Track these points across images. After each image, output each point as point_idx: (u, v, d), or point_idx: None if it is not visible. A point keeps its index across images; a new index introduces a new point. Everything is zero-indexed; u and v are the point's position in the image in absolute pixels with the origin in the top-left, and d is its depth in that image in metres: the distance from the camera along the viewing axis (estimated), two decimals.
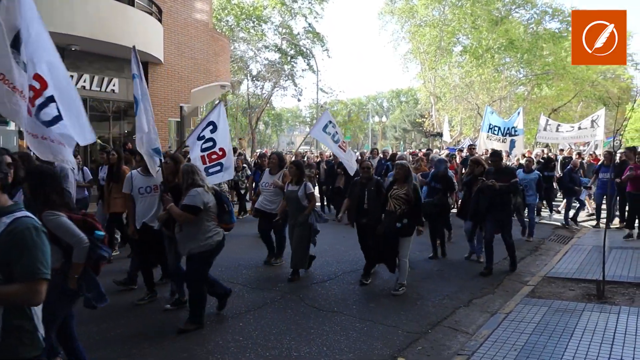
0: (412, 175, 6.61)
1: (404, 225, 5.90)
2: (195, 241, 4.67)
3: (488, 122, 17.83)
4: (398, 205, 5.93)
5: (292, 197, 6.57)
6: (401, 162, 6.42)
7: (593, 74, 32.67)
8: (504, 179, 6.78)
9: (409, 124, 61.21)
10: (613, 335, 4.50)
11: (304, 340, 4.58)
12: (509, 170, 7.09)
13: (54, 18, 10.75)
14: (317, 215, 6.71)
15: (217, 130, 6.87)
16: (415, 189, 6.01)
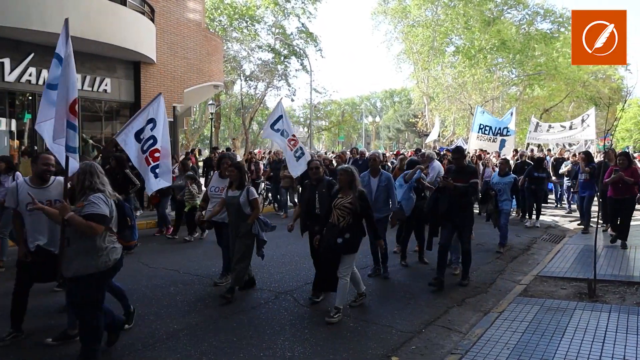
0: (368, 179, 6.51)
1: (345, 241, 5.10)
2: (87, 259, 3.79)
3: (479, 122, 17.95)
4: (342, 217, 5.16)
5: (232, 204, 5.77)
6: (344, 166, 5.56)
7: (584, 75, 32.97)
8: (463, 178, 6.22)
9: (403, 124, 61.40)
10: (604, 334, 4.53)
11: (297, 340, 4.58)
12: (469, 169, 6.47)
13: (45, 17, 10.67)
14: (262, 223, 5.85)
15: (156, 127, 6.26)
16: (362, 198, 5.23)
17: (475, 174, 6.45)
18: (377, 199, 6.57)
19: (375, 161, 6.77)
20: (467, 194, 6.24)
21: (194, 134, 36.00)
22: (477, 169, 11.80)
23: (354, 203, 5.15)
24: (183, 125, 20.23)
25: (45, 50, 11.94)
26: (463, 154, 6.67)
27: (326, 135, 56.82)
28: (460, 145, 7.05)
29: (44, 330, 4.67)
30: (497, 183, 8.74)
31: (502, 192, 8.58)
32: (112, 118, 14.78)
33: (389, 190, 6.62)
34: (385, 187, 6.61)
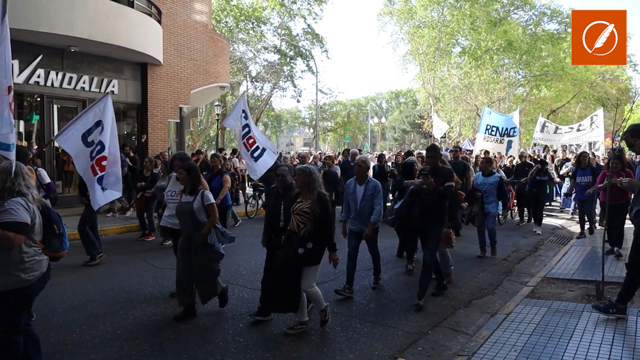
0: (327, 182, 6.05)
1: (307, 251, 4.52)
2: (5, 274, 3.28)
3: (485, 122, 17.65)
4: (302, 223, 4.60)
5: (184, 211, 5.12)
6: (301, 166, 4.96)
7: (592, 75, 32.79)
8: (438, 180, 5.55)
9: (408, 125, 61.24)
10: (612, 336, 4.50)
11: (304, 341, 4.59)
12: (444, 171, 5.75)
13: (53, 19, 10.77)
14: (220, 233, 5.17)
15: (104, 131, 5.71)
16: (321, 201, 4.58)
17: (452, 176, 5.72)
18: (363, 209, 5.96)
19: (361, 167, 6.08)
20: (443, 198, 5.57)
21: (200, 135, 36.10)
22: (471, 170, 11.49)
23: (313, 208, 4.55)
24: (189, 126, 20.31)
25: (53, 52, 12.06)
26: (438, 152, 5.95)
27: (332, 136, 56.85)
28: (435, 144, 6.40)
29: None
30: (482, 184, 8.18)
31: (487, 194, 8.07)
32: (119, 119, 14.84)
33: (372, 199, 5.97)
34: (371, 196, 5.96)
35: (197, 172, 5.28)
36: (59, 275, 6.72)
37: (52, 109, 12.45)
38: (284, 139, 76.24)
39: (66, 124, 6.36)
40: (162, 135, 15.22)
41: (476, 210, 7.88)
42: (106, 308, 5.39)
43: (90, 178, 5.72)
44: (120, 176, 6.09)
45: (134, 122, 15.05)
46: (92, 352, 4.27)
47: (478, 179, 8.38)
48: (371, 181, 6.05)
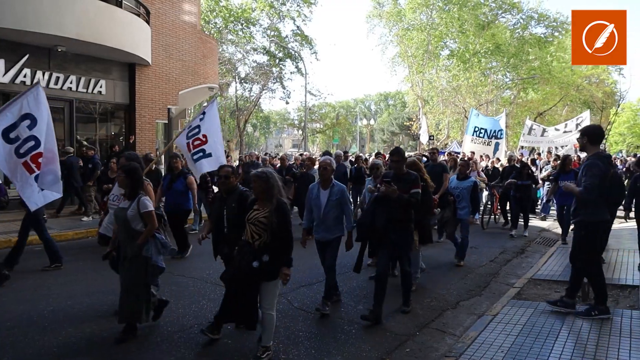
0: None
1: (263, 265, 4.04)
2: None
3: (473, 124, 17.60)
4: (257, 234, 4.12)
5: (119, 218, 4.60)
6: (258, 171, 4.26)
7: (578, 79, 33.26)
8: (403, 187, 5.08)
9: (397, 127, 61.51)
10: (597, 337, 4.56)
11: (292, 343, 4.58)
12: (410, 177, 5.21)
13: (41, 18, 10.65)
14: (160, 244, 4.62)
15: (37, 126, 5.34)
16: (280, 210, 4.09)
17: (417, 183, 5.19)
18: (326, 216, 5.38)
19: (326, 170, 5.42)
20: (409, 206, 5.14)
21: None
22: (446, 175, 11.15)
23: (271, 218, 4.07)
24: (178, 127, 20.16)
25: (40, 51, 11.92)
26: (402, 156, 5.35)
27: (321, 138, 56.90)
28: (400, 147, 5.88)
29: None
30: (455, 188, 7.70)
31: (460, 199, 7.55)
32: (107, 120, 14.74)
33: (342, 206, 5.42)
34: (337, 201, 5.38)
35: (138, 175, 4.65)
36: (45, 278, 6.65)
37: None
38: (273, 140, 76.18)
39: (53, 123, 6.07)
40: (150, 137, 15.12)
41: (448, 216, 7.44)
42: (92, 311, 5.34)
43: (25, 176, 5.24)
44: (59, 175, 5.62)
45: (121, 123, 14.93)
46: (78, 355, 4.24)
47: (452, 183, 7.92)
48: (336, 185, 5.44)
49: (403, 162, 5.33)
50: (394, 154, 5.41)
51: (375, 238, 5.24)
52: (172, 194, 8.07)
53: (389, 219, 5.07)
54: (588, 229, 4.98)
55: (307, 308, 5.55)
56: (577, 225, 5.09)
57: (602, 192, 4.82)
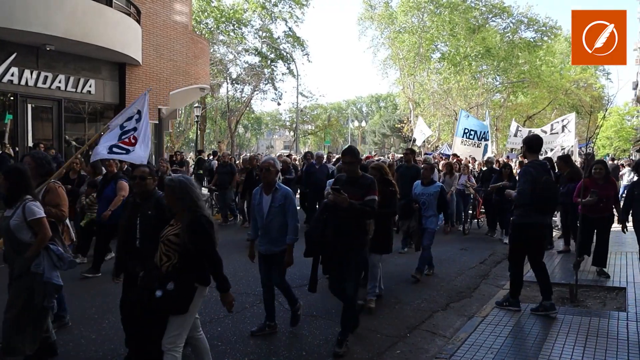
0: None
1: (167, 294, 3.28)
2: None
3: (463, 126, 17.28)
4: (166, 256, 3.40)
5: (2, 229, 3.83)
6: (171, 178, 3.57)
7: (566, 83, 33.66)
8: (357, 193, 4.33)
9: (388, 129, 61.71)
10: (585, 338, 4.60)
11: (282, 344, 4.57)
12: (365, 181, 4.45)
13: (30, 17, 10.53)
14: (56, 257, 3.84)
15: (141, 119, 5.66)
16: (193, 227, 3.33)
17: (374, 188, 4.42)
18: (270, 225, 4.63)
19: (268, 172, 4.62)
20: (363, 216, 4.41)
21: (179, 136, 35.78)
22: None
23: (183, 237, 3.34)
24: (168, 127, 20.09)
25: (28, 50, 11.79)
26: (358, 158, 4.60)
27: (312, 139, 56.89)
28: (354, 146, 5.05)
29: None
30: (421, 194, 6.93)
31: (426, 206, 6.84)
32: (96, 119, 14.61)
33: (287, 213, 4.63)
34: (280, 208, 4.60)
35: (19, 178, 3.82)
36: None
37: (26, 109, 12.16)
38: (264, 141, 76.05)
39: (41, 124, 6.36)
40: None
41: (414, 226, 6.74)
42: (81, 312, 5.28)
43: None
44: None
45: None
46: (66, 357, 4.19)
47: (416, 189, 7.09)
48: (280, 189, 4.67)
49: (357, 164, 4.55)
50: (346, 154, 4.59)
51: (327, 253, 4.46)
52: (102, 201, 7.06)
53: (338, 231, 4.33)
54: (519, 230, 5.38)
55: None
56: (511, 226, 5.58)
57: (534, 196, 5.15)
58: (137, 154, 6.13)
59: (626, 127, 42.78)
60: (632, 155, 32.17)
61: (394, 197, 5.48)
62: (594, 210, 6.77)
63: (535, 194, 5.13)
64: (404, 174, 8.66)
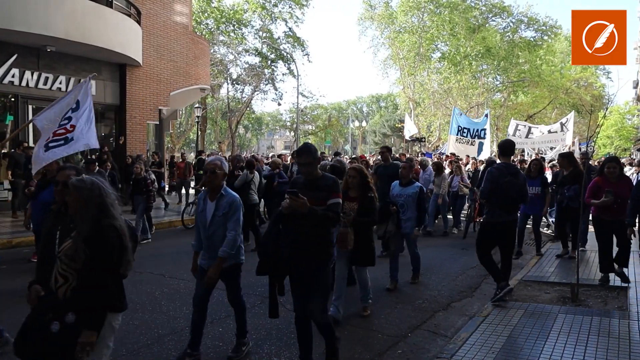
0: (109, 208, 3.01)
1: (66, 328, 2.61)
2: None
3: (457, 124, 17.05)
4: (63, 277, 2.76)
5: None
6: (83, 177, 2.86)
7: (567, 82, 33.64)
8: (317, 198, 3.65)
9: (389, 129, 61.70)
10: (587, 338, 4.60)
11: (284, 345, 4.57)
12: (327, 182, 3.76)
13: (30, 18, 10.56)
14: None
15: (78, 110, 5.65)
16: (97, 237, 2.69)
17: (336, 190, 3.76)
18: (213, 236, 4.05)
19: (214, 175, 4.02)
20: (326, 223, 3.70)
21: (179, 137, 35.78)
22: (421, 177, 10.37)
23: (78, 251, 2.68)
24: (169, 128, 20.10)
25: (29, 51, 11.81)
26: (315, 157, 3.83)
27: (313, 140, 56.85)
28: (310, 143, 4.42)
29: None
30: (399, 195, 6.42)
31: (405, 209, 6.32)
32: (97, 121, 14.50)
33: (228, 223, 4.01)
34: (224, 217, 4.01)
35: None
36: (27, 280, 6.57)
37: (26, 109, 12.18)
38: (265, 141, 76.09)
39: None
40: (140, 137, 15.03)
41: (392, 230, 6.06)
42: None
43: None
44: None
45: (112, 123, 14.83)
46: None
47: (394, 189, 6.59)
48: (227, 195, 4.05)
49: (314, 164, 3.80)
50: (301, 154, 3.82)
51: (282, 272, 3.74)
52: (38, 206, 6.25)
53: (295, 244, 3.65)
54: (489, 228, 5.81)
55: None
56: (480, 224, 6.09)
57: (498, 196, 5.54)
58: (79, 142, 5.83)
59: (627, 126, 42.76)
60: (633, 154, 32.13)
61: (373, 204, 5.09)
62: (608, 212, 6.27)
63: (497, 194, 5.53)
64: (382, 173, 8.40)
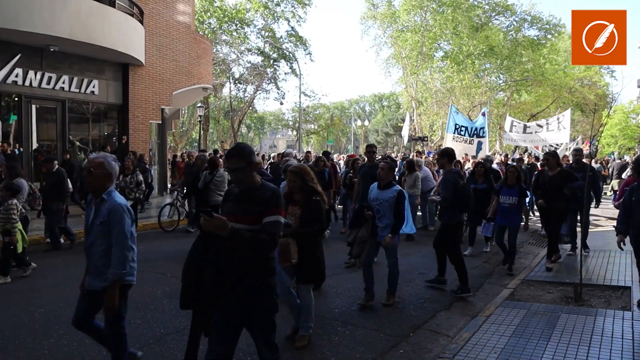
0: None
1: None
2: None
3: (454, 122, 16.73)
4: None
5: None
6: None
7: (570, 81, 33.51)
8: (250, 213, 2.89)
9: (391, 128, 61.68)
10: (590, 338, 4.58)
11: (286, 345, 4.56)
12: (264, 194, 2.93)
13: (34, 18, 10.59)
14: None
15: None
16: None
17: (276, 204, 2.92)
18: (91, 248, 3.49)
19: (91, 175, 3.44)
20: (257, 249, 2.84)
21: (182, 136, 35.82)
22: None
23: None
24: (171, 127, 20.13)
25: (32, 51, 11.85)
26: (249, 160, 2.95)
27: (315, 139, 56.94)
28: (245, 144, 3.16)
29: None
30: (375, 199, 5.72)
31: (381, 214, 5.61)
32: (100, 120, 14.67)
33: (111, 237, 3.39)
34: (104, 227, 3.38)
35: None
36: (35, 279, 6.60)
37: (30, 109, 12.22)
38: (267, 140, 76.16)
39: (45, 124, 6.16)
40: (143, 137, 15.06)
41: (363, 236, 5.43)
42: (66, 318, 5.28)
43: None
44: None
45: (114, 123, 14.86)
46: (69, 357, 4.21)
47: (371, 193, 5.89)
48: (108, 200, 3.42)
49: (247, 170, 2.95)
50: (230, 156, 2.98)
51: (206, 305, 3.00)
52: None
53: (224, 267, 2.86)
54: (449, 229, 6.30)
55: None
56: (443, 226, 6.41)
57: (457, 200, 6.14)
58: None
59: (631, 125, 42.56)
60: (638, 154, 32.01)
61: (319, 209, 4.36)
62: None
63: (456, 198, 6.09)
64: (365, 173, 7.90)
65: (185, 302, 3.08)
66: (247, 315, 2.93)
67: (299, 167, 4.55)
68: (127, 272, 3.36)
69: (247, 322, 2.97)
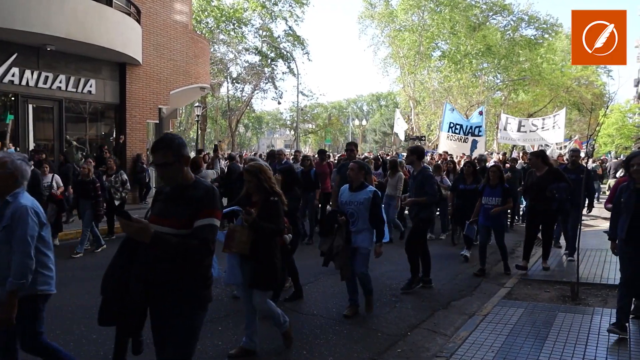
0: None
1: None
2: None
3: (448, 120, 16.65)
4: None
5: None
6: None
7: (567, 80, 33.58)
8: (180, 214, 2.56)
9: (389, 128, 61.64)
10: (587, 336, 4.60)
11: (284, 344, 4.56)
12: (196, 193, 2.58)
13: (30, 17, 10.55)
14: None
15: None
16: None
17: (210, 205, 2.57)
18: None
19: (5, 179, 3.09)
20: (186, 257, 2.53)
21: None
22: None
23: None
24: (169, 127, 20.09)
25: (29, 50, 11.81)
26: (179, 152, 2.60)
27: (313, 138, 56.92)
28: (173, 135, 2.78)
29: None
30: (347, 202, 5.25)
31: (355, 219, 5.17)
32: (97, 119, 14.63)
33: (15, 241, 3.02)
34: (5, 231, 3.03)
35: None
36: None
37: (27, 109, 12.18)
38: (265, 140, 76.07)
39: (42, 124, 6.09)
40: (140, 136, 15.02)
41: (339, 245, 5.06)
42: (82, 312, 5.29)
43: None
44: None
45: (111, 122, 14.83)
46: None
47: (342, 195, 5.41)
48: (13, 202, 3.05)
49: (176, 165, 2.59)
50: (156, 150, 2.61)
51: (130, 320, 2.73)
52: None
53: (149, 278, 2.56)
54: (427, 224, 6.60)
55: (299, 308, 5.55)
56: (420, 221, 6.41)
57: (435, 195, 6.46)
58: None
59: (628, 124, 42.65)
60: None
61: (277, 210, 4.07)
62: None
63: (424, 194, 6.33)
64: (345, 173, 6.69)
65: (105, 318, 2.75)
66: (169, 330, 2.64)
67: (253, 166, 4.20)
68: (26, 282, 2.95)
69: (159, 331, 2.67)
